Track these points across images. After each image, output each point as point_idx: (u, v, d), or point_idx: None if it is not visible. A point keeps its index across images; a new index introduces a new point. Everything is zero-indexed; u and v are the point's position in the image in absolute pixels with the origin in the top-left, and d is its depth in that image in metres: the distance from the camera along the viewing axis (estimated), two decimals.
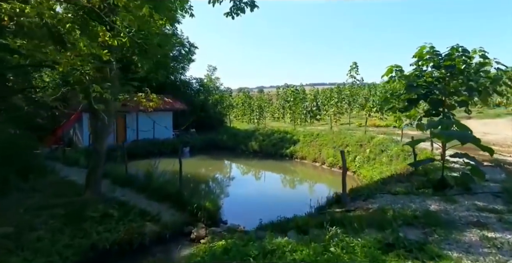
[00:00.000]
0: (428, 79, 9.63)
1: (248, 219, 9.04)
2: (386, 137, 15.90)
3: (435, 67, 9.60)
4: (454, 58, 9.28)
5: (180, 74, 28.19)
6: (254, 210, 9.98)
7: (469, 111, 10.21)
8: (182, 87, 29.31)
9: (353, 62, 29.57)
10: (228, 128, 28.93)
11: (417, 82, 9.31)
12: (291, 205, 10.61)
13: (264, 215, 9.37)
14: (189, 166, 19.95)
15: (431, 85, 9.37)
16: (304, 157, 19.49)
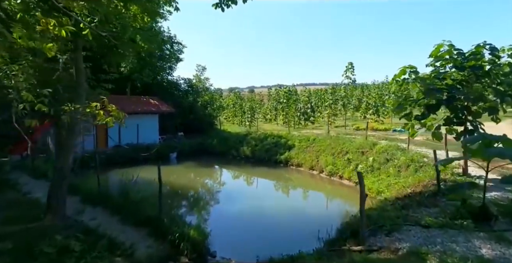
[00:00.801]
0: (448, 82, 8.33)
1: (242, 249, 7.60)
2: (390, 144, 14.64)
3: (457, 68, 8.31)
4: (479, 58, 8.01)
5: (167, 74, 26.54)
6: (248, 238, 8.54)
7: (497, 119, 8.94)
8: (170, 88, 27.68)
9: (349, 63, 28.50)
10: (218, 132, 27.39)
11: (438, 86, 8.00)
12: (293, 229, 9.22)
13: (261, 244, 7.96)
14: (175, 174, 18.39)
15: (453, 89, 8.07)
16: (300, 164, 18.11)
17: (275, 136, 21.72)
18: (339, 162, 15.55)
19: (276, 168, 18.83)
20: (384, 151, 14.13)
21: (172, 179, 17.02)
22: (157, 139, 23.25)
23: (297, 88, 71.77)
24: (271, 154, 20.07)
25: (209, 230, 7.72)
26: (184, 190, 14.53)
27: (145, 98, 23.87)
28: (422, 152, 12.76)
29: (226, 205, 11.96)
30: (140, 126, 21.63)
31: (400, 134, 20.60)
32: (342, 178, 14.85)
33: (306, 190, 14.73)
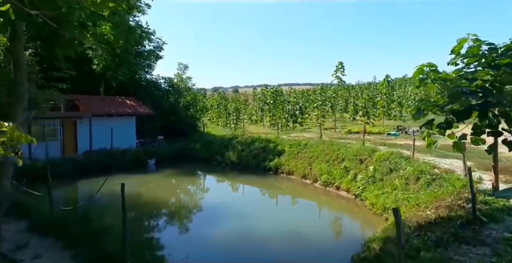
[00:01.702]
0: (478, 83, 6.93)
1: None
2: (392, 151, 13.29)
3: (490, 67, 6.92)
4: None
5: (146, 73, 24.51)
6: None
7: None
8: (149, 88, 25.65)
9: (339, 62, 27.08)
10: (202, 135, 25.61)
11: (471, 88, 6.58)
12: (288, 258, 7.63)
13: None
14: (151, 184, 16.45)
15: (486, 91, 6.68)
16: (291, 172, 16.59)
17: (263, 140, 20.13)
18: (335, 170, 14.11)
19: (265, 176, 17.25)
20: (386, 159, 12.76)
21: (148, 190, 15.18)
22: (134, 143, 21.27)
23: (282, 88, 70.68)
24: (259, 160, 18.47)
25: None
26: (161, 205, 12.70)
27: (121, 99, 21.81)
28: (430, 161, 11.44)
29: (208, 225, 10.22)
30: (115, 130, 19.60)
31: (396, 138, 19.43)
32: (339, 189, 13.40)
33: (302, 205, 13.08)
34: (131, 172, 17.91)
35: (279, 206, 13.04)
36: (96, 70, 20.41)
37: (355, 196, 12.29)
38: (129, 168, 18.55)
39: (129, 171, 17.92)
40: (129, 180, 16.62)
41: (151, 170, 19.40)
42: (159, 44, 24.49)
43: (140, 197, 13.41)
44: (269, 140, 19.91)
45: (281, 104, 31.03)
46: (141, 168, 19.11)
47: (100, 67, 20.34)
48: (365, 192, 11.75)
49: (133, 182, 16.29)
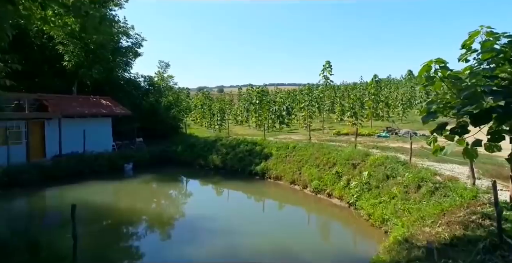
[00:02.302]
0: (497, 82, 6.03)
1: None
2: (387, 155, 12.43)
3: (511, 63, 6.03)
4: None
5: (124, 70, 22.97)
6: None
7: None
8: (127, 87, 24.13)
9: (326, 62, 26.35)
10: (184, 137, 24.28)
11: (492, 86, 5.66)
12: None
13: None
14: (125, 193, 14.93)
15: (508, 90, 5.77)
16: (279, 177, 15.58)
17: (249, 142, 19.04)
18: (327, 176, 13.15)
19: (251, 181, 16.15)
20: (381, 164, 11.88)
21: (120, 200, 13.83)
22: (110, 147, 19.78)
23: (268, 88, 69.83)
24: (245, 164, 17.37)
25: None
26: (133, 218, 11.37)
27: (95, 99, 20.27)
28: (430, 167, 10.61)
29: (188, 242, 9.01)
30: (88, 132, 18.10)
31: (386, 140, 18.71)
32: (331, 196, 12.45)
33: (292, 216, 11.91)
34: (106, 177, 16.49)
35: (267, 218, 11.86)
36: (67, 67, 18.80)
37: (349, 205, 11.36)
38: (103, 173, 17.13)
39: (103, 177, 16.50)
40: (102, 187, 15.25)
41: (128, 175, 17.99)
42: (138, 40, 23.05)
43: (111, 207, 12.06)
44: (255, 142, 18.83)
45: (267, 104, 30.02)
46: (117, 173, 17.70)
47: (72, 64, 18.77)
48: (360, 200, 10.81)
49: (105, 190, 14.92)
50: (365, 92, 33.98)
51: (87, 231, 9.82)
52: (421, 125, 28.55)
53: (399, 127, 23.79)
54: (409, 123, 28.97)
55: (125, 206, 12.28)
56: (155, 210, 12.62)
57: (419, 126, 26.82)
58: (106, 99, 20.70)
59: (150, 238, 9.80)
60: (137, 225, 10.98)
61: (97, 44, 19.20)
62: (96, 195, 13.76)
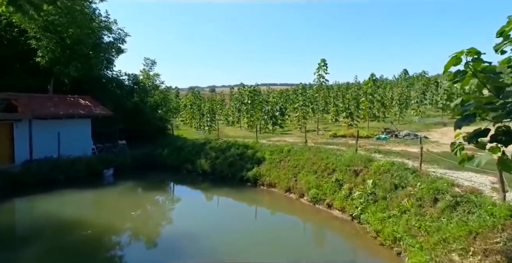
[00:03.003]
0: None
1: None
2: (392, 161, 11.20)
3: None
4: None
5: (106, 68, 21.36)
6: None
7: None
8: (110, 86, 22.55)
9: (322, 60, 25.09)
10: (171, 139, 22.79)
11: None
12: None
13: None
14: (102, 203, 13.27)
15: None
16: (273, 184, 14.28)
17: (240, 145, 17.69)
18: (326, 184, 11.90)
19: (243, 189, 14.82)
20: (386, 171, 10.67)
21: (94, 212, 12.25)
22: (89, 150, 18.21)
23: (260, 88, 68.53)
24: (235, 169, 16.02)
25: None
26: (104, 236, 9.89)
27: (73, 98, 18.65)
28: (444, 175, 9.42)
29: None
30: (64, 135, 16.56)
31: (387, 143, 17.55)
32: (331, 207, 11.19)
33: (289, 231, 10.45)
34: (83, 185, 14.96)
35: (260, 234, 10.40)
36: (41, 64, 17.16)
37: (352, 218, 10.11)
38: (80, 180, 15.60)
39: (80, 184, 14.97)
40: (76, 196, 13.71)
41: (107, 182, 16.47)
42: (121, 36, 21.46)
43: (82, 221, 10.55)
44: (247, 145, 17.49)
45: (260, 104, 28.71)
46: (95, 179, 16.17)
47: (46, 61, 17.12)
48: (365, 213, 9.58)
49: (79, 200, 13.37)
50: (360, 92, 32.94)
51: (49, 248, 8.43)
52: (418, 127, 27.67)
53: (397, 128, 22.71)
54: (406, 124, 28.00)
55: (99, 221, 10.77)
56: (132, 225, 11.15)
57: (417, 128, 25.85)
58: (85, 99, 19.10)
59: (123, 260, 8.38)
60: (108, 244, 9.52)
61: (74, 39, 17.60)
62: (68, 206, 12.24)
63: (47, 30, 16.78)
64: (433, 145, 15.84)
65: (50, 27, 16.80)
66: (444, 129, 23.18)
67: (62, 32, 17.24)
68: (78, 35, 17.51)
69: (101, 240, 9.46)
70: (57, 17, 16.76)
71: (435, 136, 19.71)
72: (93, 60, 18.80)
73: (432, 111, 37.01)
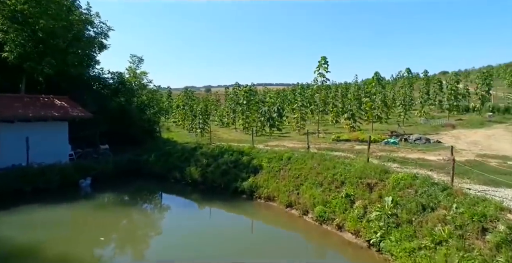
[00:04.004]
0: None
1: None
2: (413, 174, 9.43)
3: None
4: None
5: (86, 65, 19.38)
6: None
7: None
8: (91, 85, 20.59)
9: (322, 57, 23.35)
10: (159, 143, 20.90)
11: None
12: None
13: None
14: (71, 222, 11.29)
15: None
16: (272, 197, 12.48)
17: (235, 151, 15.86)
18: (334, 200, 10.11)
19: (237, 202, 13.00)
20: (408, 186, 8.93)
21: (59, 235, 10.18)
22: (66, 156, 16.26)
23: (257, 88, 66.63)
24: (229, 179, 14.19)
25: None
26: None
27: (47, 99, 16.70)
28: (487, 195, 7.65)
29: None
30: (36, 139, 14.66)
31: (398, 148, 15.78)
32: (341, 229, 9.40)
33: (292, 257, 8.76)
34: (53, 198, 13.04)
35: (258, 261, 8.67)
36: (9, 59, 15.18)
37: (369, 244, 8.32)
38: (52, 192, 13.68)
39: (50, 197, 13.07)
40: (42, 213, 11.75)
41: (84, 193, 14.57)
42: (104, 30, 19.51)
43: (35, 250, 8.61)
44: (242, 151, 15.67)
45: (256, 105, 26.89)
46: (70, 191, 14.25)
47: (15, 56, 15.14)
48: (386, 239, 7.80)
49: (44, 217, 11.37)
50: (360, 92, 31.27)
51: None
52: (426, 129, 25.96)
53: (405, 131, 21.02)
54: (412, 126, 26.34)
55: (58, 250, 8.81)
56: (102, 252, 9.26)
57: (424, 130, 24.18)
58: (61, 99, 17.16)
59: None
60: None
61: (47, 32, 15.64)
62: (27, 228, 10.30)
63: (15, 21, 14.82)
64: None
65: (19, 17, 14.84)
66: (455, 132, 21.51)
67: (33, 24, 15.27)
68: (52, 28, 15.56)
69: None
70: (27, 6, 14.80)
71: (447, 140, 18.02)
72: (70, 56, 16.80)
73: (435, 112, 35.45)
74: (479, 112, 31.59)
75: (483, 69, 38.14)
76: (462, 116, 31.26)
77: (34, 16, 15.05)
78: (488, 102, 30.34)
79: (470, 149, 14.65)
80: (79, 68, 18.25)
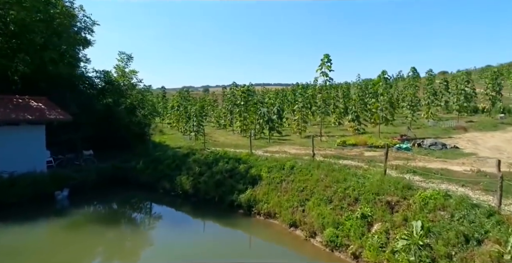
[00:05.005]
0: None
1: None
2: (446, 193, 7.82)
3: None
4: None
5: (69, 63, 17.67)
6: None
7: None
8: (76, 84, 18.91)
9: (325, 55, 21.76)
10: (149, 148, 19.22)
11: None
12: None
13: None
14: (35, 248, 8.81)
15: None
16: (273, 214, 10.85)
17: (231, 158, 14.23)
18: (348, 221, 8.49)
19: (233, 218, 11.40)
20: (440, 208, 7.33)
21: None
22: (43, 164, 14.58)
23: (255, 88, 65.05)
24: (224, 191, 12.55)
25: None
26: None
27: (22, 100, 15.00)
28: None
29: None
30: (6, 145, 13.05)
31: (412, 154, 14.14)
32: (358, 259, 7.77)
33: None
34: (23, 214, 11.40)
35: None
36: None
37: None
38: (23, 206, 12.01)
39: (20, 213, 11.43)
40: (4, 236, 10.03)
41: (60, 207, 12.91)
42: (88, 24, 17.83)
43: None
44: (239, 158, 14.04)
45: (254, 106, 25.26)
46: (44, 205, 12.57)
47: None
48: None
49: (5, 242, 9.65)
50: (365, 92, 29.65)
51: None
52: (436, 132, 24.30)
53: (416, 135, 19.44)
54: (420, 129, 24.79)
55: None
56: None
57: (434, 133, 22.62)
58: (39, 100, 15.47)
59: None
60: None
61: (21, 26, 13.97)
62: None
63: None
64: (474, 159, 12.57)
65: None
66: (469, 136, 19.94)
67: (3, 16, 13.60)
68: (26, 21, 13.88)
69: None
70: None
71: (464, 145, 16.44)
72: (47, 52, 15.11)
73: (441, 114, 33.91)
74: (489, 114, 30.05)
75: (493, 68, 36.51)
76: (471, 117, 29.72)
77: (3, 7, 13.38)
78: (499, 103, 28.82)
79: (495, 156, 13.06)
80: (60, 67, 16.55)
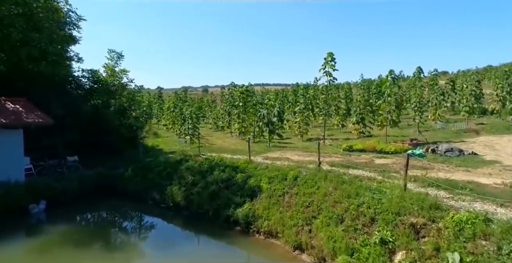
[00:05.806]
0: None
1: None
2: (485, 215, 6.47)
3: None
4: None
5: (52, 61, 16.26)
6: None
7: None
8: (60, 84, 17.50)
9: (329, 54, 20.46)
10: (140, 153, 17.83)
11: None
12: None
13: None
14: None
15: None
16: (275, 233, 9.48)
17: (227, 165, 12.87)
18: (365, 248, 7.12)
19: (229, 236, 10.05)
20: (481, 236, 5.97)
21: None
22: (20, 172, 13.21)
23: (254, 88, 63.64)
24: (219, 204, 11.19)
25: None
26: None
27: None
28: None
29: None
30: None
31: (429, 162, 12.76)
32: None
33: None
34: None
35: None
36: None
37: None
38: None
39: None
40: None
41: (34, 222, 11.54)
42: (73, 20, 16.44)
43: None
44: (236, 166, 12.67)
45: (254, 107, 23.88)
46: (17, 220, 11.21)
47: None
48: None
49: None
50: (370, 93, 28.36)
51: None
52: (446, 135, 22.89)
53: (427, 139, 18.09)
54: (429, 132, 23.41)
55: None
56: None
57: (445, 136, 21.24)
58: (16, 102, 14.11)
59: None
60: None
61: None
62: None
63: None
64: (500, 169, 11.21)
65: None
66: (483, 139, 18.58)
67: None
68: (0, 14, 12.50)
69: None
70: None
71: (482, 150, 15.08)
72: (23, 49, 13.72)
73: (448, 115, 32.55)
74: (499, 115, 28.70)
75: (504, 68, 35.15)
76: (480, 119, 28.36)
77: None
78: (509, 104, 27.46)
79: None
80: (42, 65, 15.18)
